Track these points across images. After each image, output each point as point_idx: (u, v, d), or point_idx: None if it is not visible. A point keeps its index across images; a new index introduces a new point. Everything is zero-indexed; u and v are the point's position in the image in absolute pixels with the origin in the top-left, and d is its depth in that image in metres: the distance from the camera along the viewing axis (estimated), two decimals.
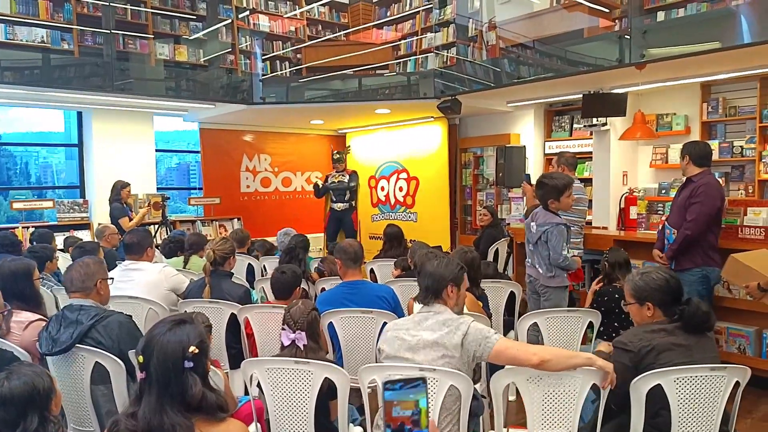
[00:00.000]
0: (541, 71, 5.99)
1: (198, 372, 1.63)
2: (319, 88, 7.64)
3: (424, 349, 2.20)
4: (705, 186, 3.89)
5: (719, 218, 3.96)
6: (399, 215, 8.86)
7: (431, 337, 2.21)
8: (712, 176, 4.01)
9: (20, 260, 3.05)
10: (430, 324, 2.26)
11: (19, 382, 1.69)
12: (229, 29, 8.13)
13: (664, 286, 2.33)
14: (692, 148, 4.04)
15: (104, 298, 2.71)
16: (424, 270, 2.38)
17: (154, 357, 1.60)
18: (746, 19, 4.45)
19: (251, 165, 8.95)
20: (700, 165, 3.98)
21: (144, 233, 4.06)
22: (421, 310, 2.33)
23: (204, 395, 1.61)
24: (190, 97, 7.25)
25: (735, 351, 4.17)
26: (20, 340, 2.63)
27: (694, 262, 3.87)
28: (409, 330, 2.27)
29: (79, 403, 2.52)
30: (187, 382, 1.59)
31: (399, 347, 2.24)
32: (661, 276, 2.36)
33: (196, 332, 1.68)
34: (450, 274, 2.35)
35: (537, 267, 3.95)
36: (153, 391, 1.59)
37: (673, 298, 2.33)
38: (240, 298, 3.46)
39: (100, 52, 6.81)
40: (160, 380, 1.59)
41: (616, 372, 2.15)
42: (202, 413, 1.61)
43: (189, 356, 1.61)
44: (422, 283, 2.36)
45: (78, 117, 7.60)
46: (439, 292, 2.32)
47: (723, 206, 3.95)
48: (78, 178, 7.70)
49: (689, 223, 3.86)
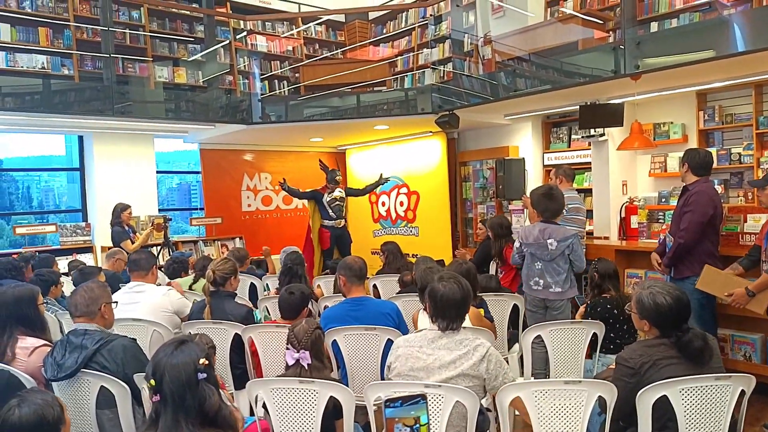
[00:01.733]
0: (538, 84, 6.03)
1: (211, 382, 1.70)
2: (318, 105, 7.69)
3: (440, 369, 2.20)
4: (696, 194, 3.88)
5: (715, 225, 3.92)
6: (400, 230, 8.87)
7: (449, 358, 2.22)
8: (709, 184, 3.98)
9: (24, 286, 3.06)
10: (445, 343, 2.26)
11: (29, 411, 1.69)
12: (227, 50, 8.22)
13: (666, 312, 2.27)
14: (692, 157, 4.02)
15: (109, 322, 2.72)
16: (442, 300, 2.31)
17: (166, 377, 1.65)
18: (739, 28, 4.49)
19: (252, 184, 8.99)
20: (698, 174, 3.97)
21: (148, 253, 4.08)
22: (432, 328, 2.33)
23: (221, 406, 1.68)
24: (190, 118, 7.31)
25: (740, 358, 4.15)
26: (25, 366, 2.63)
27: (692, 270, 3.85)
28: (423, 348, 2.27)
29: (84, 428, 2.52)
30: (204, 393, 1.66)
31: (413, 366, 2.24)
32: (666, 302, 2.27)
33: (199, 349, 1.75)
34: (468, 298, 2.36)
35: (550, 282, 3.96)
36: (169, 410, 1.63)
37: (674, 323, 2.27)
38: (243, 319, 3.45)
39: (100, 77, 6.88)
40: (176, 398, 1.63)
41: (618, 389, 2.15)
42: (217, 428, 1.65)
43: (201, 368, 1.68)
44: (442, 314, 2.30)
45: (79, 141, 7.66)
46: (463, 317, 2.34)
47: (718, 213, 3.90)
48: (80, 202, 7.73)
49: (682, 232, 3.87)
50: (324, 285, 5.04)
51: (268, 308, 4.23)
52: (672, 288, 2.34)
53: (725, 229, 4.29)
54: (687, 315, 2.30)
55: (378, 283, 4.95)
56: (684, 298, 2.31)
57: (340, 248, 7.22)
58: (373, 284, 4.96)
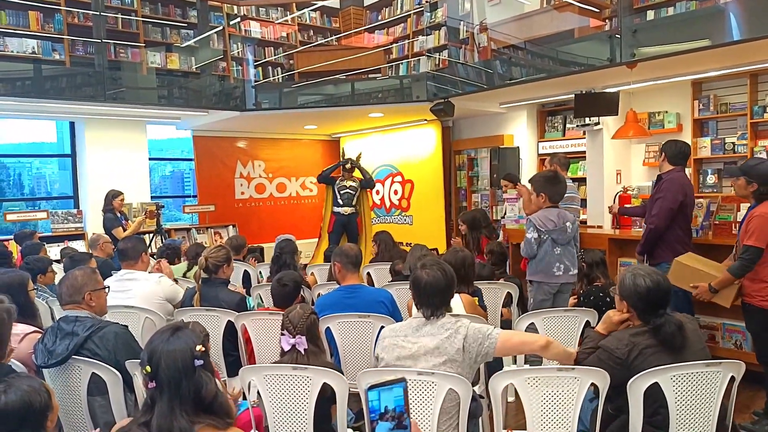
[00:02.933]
0: (533, 72, 6.01)
1: (208, 369, 1.68)
2: (312, 93, 7.64)
3: (425, 356, 2.20)
4: (668, 182, 3.99)
5: (686, 213, 4.00)
6: (395, 219, 8.86)
7: (432, 343, 2.20)
8: (682, 173, 4.07)
9: (14, 272, 3.04)
10: (428, 329, 2.25)
11: (15, 397, 1.67)
12: (220, 36, 8.13)
13: (644, 294, 2.27)
14: (670, 146, 4.12)
15: (98, 309, 2.68)
16: (425, 288, 2.27)
17: (162, 363, 1.63)
18: (735, 17, 4.48)
19: (245, 171, 8.94)
20: (673, 163, 4.06)
21: (137, 239, 4.05)
22: (417, 316, 2.33)
23: (218, 393, 1.66)
24: (183, 104, 7.25)
25: (731, 347, 4.18)
26: (16, 353, 2.61)
27: (662, 257, 3.95)
28: (408, 337, 2.26)
29: (75, 414, 2.51)
30: (201, 380, 1.64)
31: (399, 355, 2.24)
32: (645, 284, 2.28)
33: (195, 335, 1.73)
34: (452, 284, 2.33)
35: (569, 265, 4.06)
36: (164, 397, 1.62)
37: (651, 308, 2.27)
38: (236, 306, 3.44)
39: (91, 62, 6.79)
40: (172, 385, 1.62)
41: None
42: (213, 415, 1.64)
43: (198, 355, 1.66)
44: (426, 302, 2.27)
45: (70, 127, 7.58)
46: (447, 303, 2.31)
47: (688, 201, 3.98)
48: (71, 189, 7.67)
49: (652, 218, 3.99)
50: (318, 273, 5.03)
51: (261, 296, 4.22)
52: (655, 273, 2.34)
53: (718, 218, 4.30)
54: (665, 301, 2.30)
55: (372, 271, 4.95)
56: (664, 284, 2.31)
57: (348, 236, 7.25)
58: (367, 272, 4.96)
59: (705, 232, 4.31)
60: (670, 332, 2.21)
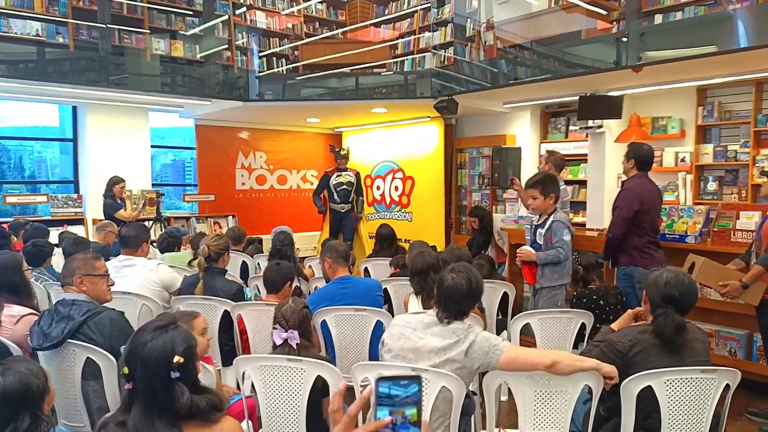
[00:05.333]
0: (538, 72, 5.99)
1: (186, 380, 1.57)
2: (316, 86, 7.62)
3: (428, 354, 2.19)
4: (625, 191, 4.10)
5: (642, 220, 4.00)
6: (394, 215, 8.85)
7: (438, 344, 2.19)
8: (642, 180, 4.09)
9: (7, 253, 3.05)
10: (438, 330, 2.23)
11: (14, 380, 1.67)
12: (225, 25, 8.10)
13: (662, 286, 2.28)
14: (637, 153, 4.11)
15: (93, 295, 2.66)
16: (447, 292, 2.24)
17: (138, 368, 1.55)
18: (743, 24, 4.46)
19: (246, 162, 8.93)
20: (641, 169, 4.11)
21: (141, 227, 4.04)
22: (431, 313, 2.31)
23: (193, 403, 1.55)
24: (186, 93, 7.22)
25: (726, 354, 4.19)
26: (11, 334, 2.61)
27: (621, 262, 4.08)
28: (416, 331, 2.25)
29: (69, 398, 2.51)
30: (174, 393, 1.54)
31: (403, 345, 2.24)
32: (665, 277, 2.29)
33: (180, 337, 1.61)
34: (475, 296, 2.31)
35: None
36: (140, 401, 1.54)
37: (663, 300, 2.27)
38: (233, 296, 3.45)
39: (95, 47, 6.77)
40: (147, 391, 1.54)
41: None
42: (193, 419, 1.57)
43: (174, 367, 1.55)
44: (443, 305, 2.24)
45: (73, 111, 7.56)
46: (465, 313, 2.28)
47: (645, 209, 3.99)
48: (72, 173, 7.66)
49: (610, 227, 4.12)
50: (315, 266, 5.03)
51: (259, 287, 4.22)
52: (682, 273, 2.35)
53: (717, 225, 4.30)
54: (685, 302, 2.27)
55: (369, 266, 4.95)
56: (689, 286, 2.30)
57: (344, 232, 7.14)
58: (365, 267, 4.96)
59: (704, 239, 4.32)
60: (665, 325, 2.20)
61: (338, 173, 7.10)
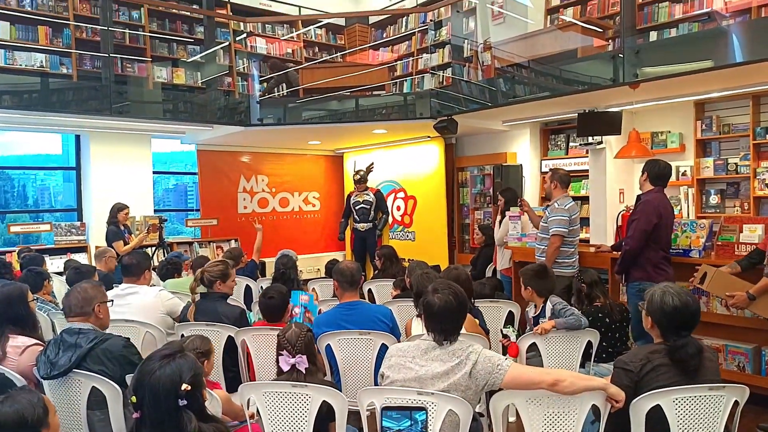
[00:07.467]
0: (537, 90, 6.04)
1: (193, 408, 1.59)
2: (316, 108, 7.68)
3: (432, 380, 2.17)
4: (643, 204, 4.07)
5: (659, 234, 4.01)
6: (397, 234, 8.86)
7: (441, 369, 2.17)
8: (659, 195, 4.10)
9: (13, 284, 3.05)
10: (438, 354, 2.21)
11: (11, 410, 1.67)
12: (226, 52, 8.21)
13: (670, 312, 2.25)
14: (652, 167, 4.16)
15: (104, 322, 2.72)
16: (438, 314, 2.22)
17: (146, 397, 1.57)
18: (737, 39, 4.51)
19: (248, 186, 8.97)
20: (654, 183, 4.11)
21: (143, 255, 4.05)
22: (427, 338, 2.30)
23: (200, 431, 1.57)
24: (188, 119, 7.29)
25: (734, 369, 4.15)
26: (16, 366, 2.61)
27: (634, 276, 4.05)
28: (416, 359, 2.23)
29: (74, 428, 2.49)
30: (182, 421, 1.55)
31: (405, 377, 2.21)
32: (672, 303, 2.25)
33: (188, 365, 1.63)
34: (465, 308, 2.30)
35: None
36: (148, 430, 1.56)
37: (675, 327, 2.25)
38: (236, 320, 3.43)
39: (98, 76, 6.87)
40: (155, 421, 1.55)
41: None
42: None
43: (182, 395, 1.57)
44: (438, 327, 2.22)
45: (76, 140, 7.63)
46: (459, 328, 2.27)
47: (663, 223, 4.01)
48: (75, 201, 7.70)
49: (628, 239, 4.08)
50: (319, 288, 5.02)
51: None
52: (685, 293, 2.31)
53: (720, 239, 4.29)
54: (692, 323, 2.27)
55: (373, 287, 4.93)
56: (693, 305, 2.28)
57: (368, 250, 7.33)
58: (368, 288, 4.94)
59: (708, 252, 4.30)
60: (689, 354, 2.19)
61: (357, 193, 7.44)
